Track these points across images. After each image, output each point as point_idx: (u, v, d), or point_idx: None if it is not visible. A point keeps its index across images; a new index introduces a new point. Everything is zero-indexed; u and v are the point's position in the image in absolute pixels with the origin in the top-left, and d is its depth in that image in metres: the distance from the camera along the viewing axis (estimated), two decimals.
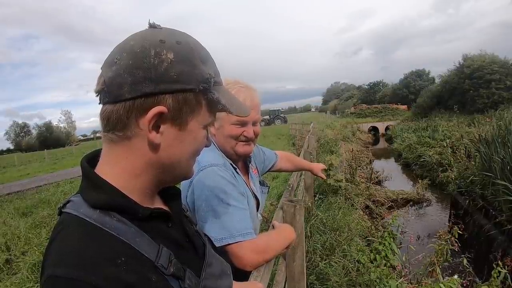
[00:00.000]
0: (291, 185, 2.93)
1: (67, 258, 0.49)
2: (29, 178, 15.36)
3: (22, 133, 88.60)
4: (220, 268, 0.74)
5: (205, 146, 0.69)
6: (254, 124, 1.36)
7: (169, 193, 0.72)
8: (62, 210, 0.57)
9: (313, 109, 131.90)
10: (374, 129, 35.37)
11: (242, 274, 1.17)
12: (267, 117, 47.21)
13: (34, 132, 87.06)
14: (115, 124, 0.57)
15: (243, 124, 1.32)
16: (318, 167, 2.32)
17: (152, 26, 0.60)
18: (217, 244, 1.14)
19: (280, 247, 1.28)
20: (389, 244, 3.66)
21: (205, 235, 0.84)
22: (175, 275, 0.57)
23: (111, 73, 0.56)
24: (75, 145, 61.92)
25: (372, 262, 3.41)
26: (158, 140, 0.58)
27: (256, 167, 1.66)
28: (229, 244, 1.15)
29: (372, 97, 59.99)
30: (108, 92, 0.56)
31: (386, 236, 3.75)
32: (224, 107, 0.62)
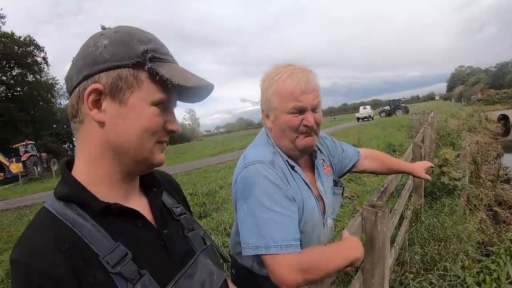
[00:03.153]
0: (385, 185, 2.47)
1: (20, 245, 0.56)
2: None
3: None
4: (202, 280, 0.70)
5: (173, 132, 0.67)
6: (313, 110, 1.15)
7: (153, 191, 0.75)
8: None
9: (437, 97, 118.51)
10: (504, 118, 30.99)
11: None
12: (387, 107, 43.68)
13: None
14: (71, 113, 0.63)
15: (300, 111, 1.13)
16: (421, 167, 1.82)
17: (102, 28, 0.66)
18: (253, 253, 1.04)
19: (333, 267, 1.05)
20: (504, 264, 2.80)
21: (211, 243, 0.81)
22: (123, 276, 0.57)
23: (69, 71, 0.64)
24: (199, 140, 70.42)
25: (479, 285, 2.68)
26: (100, 117, 0.61)
27: (331, 165, 1.44)
28: (264, 254, 1.02)
29: (501, 80, 52.48)
30: (67, 87, 0.65)
31: (501, 254, 2.89)
32: (162, 77, 0.61)
